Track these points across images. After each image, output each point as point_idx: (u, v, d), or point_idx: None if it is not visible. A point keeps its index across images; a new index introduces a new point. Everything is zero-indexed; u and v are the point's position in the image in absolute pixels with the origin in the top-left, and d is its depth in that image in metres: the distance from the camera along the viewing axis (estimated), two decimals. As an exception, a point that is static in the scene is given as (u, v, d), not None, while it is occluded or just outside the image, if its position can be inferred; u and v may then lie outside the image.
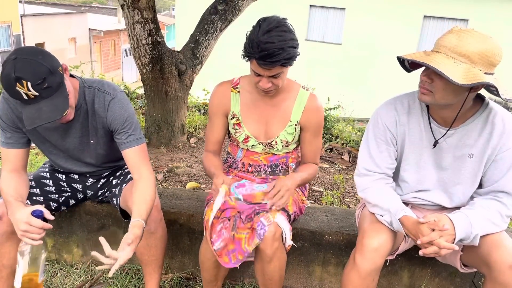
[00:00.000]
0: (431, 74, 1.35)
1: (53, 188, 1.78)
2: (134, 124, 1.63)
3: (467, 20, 13.06)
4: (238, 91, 1.77)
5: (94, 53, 24.21)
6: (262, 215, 1.57)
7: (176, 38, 16.47)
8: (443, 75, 1.25)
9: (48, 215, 1.44)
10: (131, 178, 1.74)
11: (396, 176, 1.65)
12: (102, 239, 1.35)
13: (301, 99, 1.74)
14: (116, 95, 1.60)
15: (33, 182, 1.73)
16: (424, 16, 13.69)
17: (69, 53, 22.62)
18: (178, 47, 15.82)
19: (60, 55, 21.47)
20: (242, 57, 1.56)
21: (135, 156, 1.62)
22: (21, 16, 19.64)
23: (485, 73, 1.29)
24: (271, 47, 1.45)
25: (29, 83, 1.28)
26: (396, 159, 1.61)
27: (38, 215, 1.41)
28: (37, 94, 1.31)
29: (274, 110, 1.75)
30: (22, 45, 22.67)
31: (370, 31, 14.05)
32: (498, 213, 1.45)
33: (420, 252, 1.39)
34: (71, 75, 1.55)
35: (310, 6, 14.87)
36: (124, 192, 1.73)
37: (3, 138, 1.58)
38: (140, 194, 1.55)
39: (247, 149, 1.83)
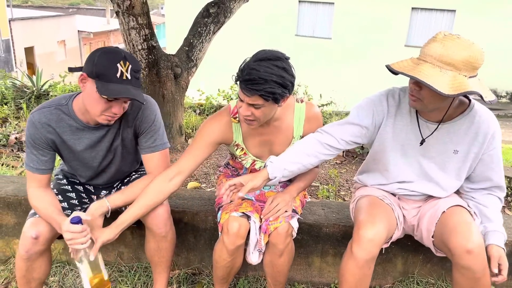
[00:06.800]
0: (419, 82, 1.41)
1: (76, 200, 1.80)
2: (162, 127, 1.73)
3: (454, 10, 13.22)
4: (238, 121, 1.74)
5: (84, 55, 24.11)
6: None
7: (166, 38, 16.47)
8: (432, 88, 1.32)
9: (84, 216, 1.54)
10: None
11: (380, 166, 1.76)
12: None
13: (299, 113, 1.74)
14: (147, 99, 1.69)
15: (60, 196, 1.75)
16: (412, 8, 13.84)
17: (59, 56, 22.52)
18: (169, 47, 15.75)
19: (50, 58, 21.36)
20: (234, 80, 1.56)
21: (155, 161, 1.72)
22: (9, 21, 19.49)
23: (470, 77, 1.36)
24: (255, 74, 1.44)
25: (130, 65, 1.47)
26: (362, 145, 1.78)
27: (76, 221, 1.49)
28: (129, 78, 1.47)
29: (275, 131, 1.74)
30: (12, 50, 21.99)
31: (359, 25, 14.18)
32: (498, 210, 1.65)
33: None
34: None
35: (299, 1, 14.95)
36: None
37: (31, 162, 1.62)
38: (134, 184, 1.70)
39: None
